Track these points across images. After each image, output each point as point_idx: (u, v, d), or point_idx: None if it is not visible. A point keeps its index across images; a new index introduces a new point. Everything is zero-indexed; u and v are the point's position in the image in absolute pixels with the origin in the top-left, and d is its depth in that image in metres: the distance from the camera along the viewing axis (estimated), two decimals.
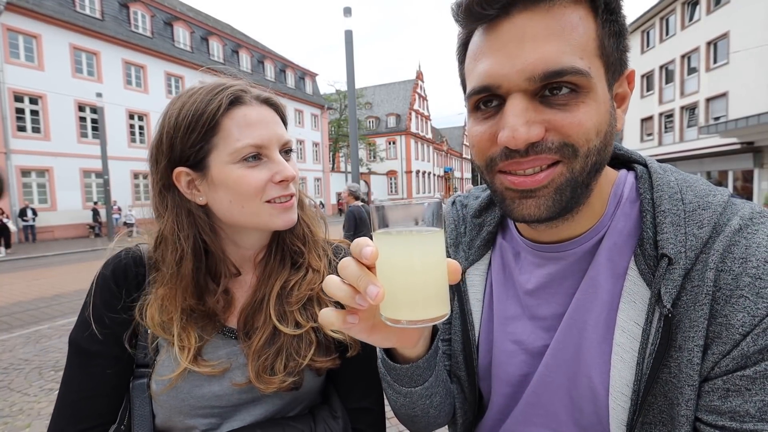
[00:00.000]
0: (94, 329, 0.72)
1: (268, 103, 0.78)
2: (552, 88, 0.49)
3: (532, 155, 0.50)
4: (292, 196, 0.77)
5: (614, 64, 0.52)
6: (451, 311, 0.72)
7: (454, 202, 0.82)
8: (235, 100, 0.73)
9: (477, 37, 0.54)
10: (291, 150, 0.80)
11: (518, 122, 0.49)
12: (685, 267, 0.50)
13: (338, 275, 0.84)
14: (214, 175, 0.73)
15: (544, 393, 0.62)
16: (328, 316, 0.48)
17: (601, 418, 0.57)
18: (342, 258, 0.88)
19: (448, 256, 0.75)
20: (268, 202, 0.74)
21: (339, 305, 0.53)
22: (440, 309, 0.44)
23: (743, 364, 0.46)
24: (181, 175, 0.74)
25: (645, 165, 0.62)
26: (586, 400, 0.58)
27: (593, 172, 0.53)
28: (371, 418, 0.84)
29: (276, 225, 0.76)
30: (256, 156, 0.73)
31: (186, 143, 0.72)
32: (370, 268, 0.44)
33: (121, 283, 0.75)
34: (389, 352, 0.64)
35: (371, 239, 0.45)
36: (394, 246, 0.43)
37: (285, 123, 0.83)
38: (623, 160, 0.66)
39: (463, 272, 0.72)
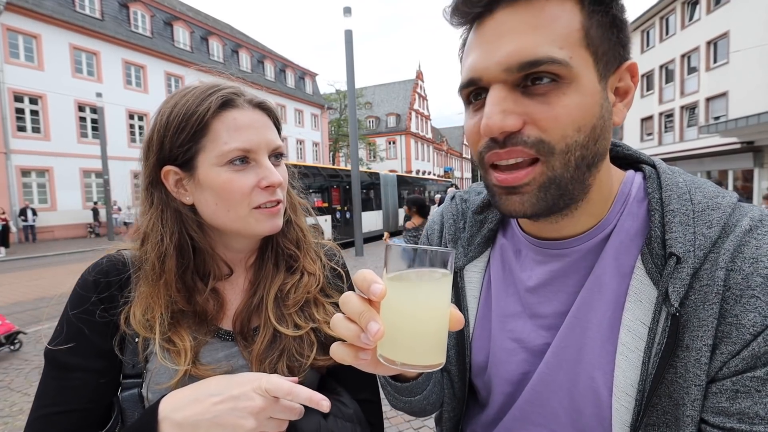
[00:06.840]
0: (71, 342, 0.68)
1: (261, 107, 0.77)
2: (533, 78, 0.49)
3: (510, 146, 0.51)
4: (278, 202, 0.76)
5: (606, 55, 0.51)
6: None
7: (453, 197, 0.82)
8: (227, 103, 0.72)
9: (469, 36, 0.56)
10: (282, 155, 0.79)
11: (494, 110, 0.50)
12: (693, 266, 0.50)
13: (332, 280, 0.86)
14: (200, 177, 0.72)
15: (543, 392, 0.62)
16: (340, 353, 0.48)
17: (601, 420, 0.56)
18: (335, 262, 0.89)
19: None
20: (256, 208, 0.73)
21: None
22: (437, 358, 0.44)
23: (753, 365, 0.45)
24: (170, 173, 0.73)
25: (653, 166, 0.62)
26: (587, 401, 0.57)
27: (583, 167, 0.52)
28: (371, 408, 0.84)
29: (261, 231, 0.75)
30: (243, 159, 0.72)
31: (175, 142, 0.71)
32: (372, 303, 0.45)
33: (101, 291, 0.72)
34: None
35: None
36: (402, 290, 0.44)
37: (279, 128, 0.82)
38: (631, 161, 0.66)
39: (461, 269, 0.73)
